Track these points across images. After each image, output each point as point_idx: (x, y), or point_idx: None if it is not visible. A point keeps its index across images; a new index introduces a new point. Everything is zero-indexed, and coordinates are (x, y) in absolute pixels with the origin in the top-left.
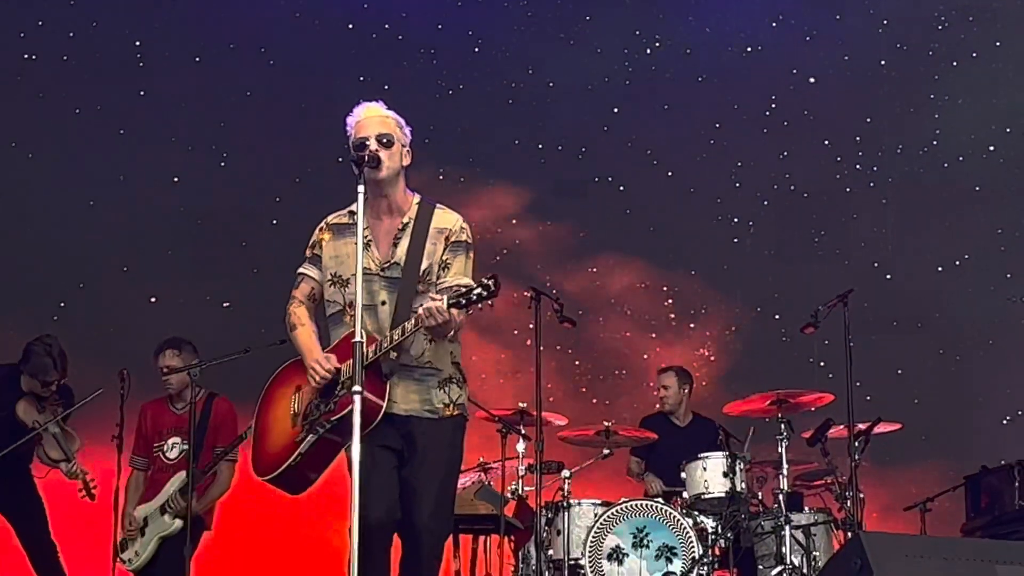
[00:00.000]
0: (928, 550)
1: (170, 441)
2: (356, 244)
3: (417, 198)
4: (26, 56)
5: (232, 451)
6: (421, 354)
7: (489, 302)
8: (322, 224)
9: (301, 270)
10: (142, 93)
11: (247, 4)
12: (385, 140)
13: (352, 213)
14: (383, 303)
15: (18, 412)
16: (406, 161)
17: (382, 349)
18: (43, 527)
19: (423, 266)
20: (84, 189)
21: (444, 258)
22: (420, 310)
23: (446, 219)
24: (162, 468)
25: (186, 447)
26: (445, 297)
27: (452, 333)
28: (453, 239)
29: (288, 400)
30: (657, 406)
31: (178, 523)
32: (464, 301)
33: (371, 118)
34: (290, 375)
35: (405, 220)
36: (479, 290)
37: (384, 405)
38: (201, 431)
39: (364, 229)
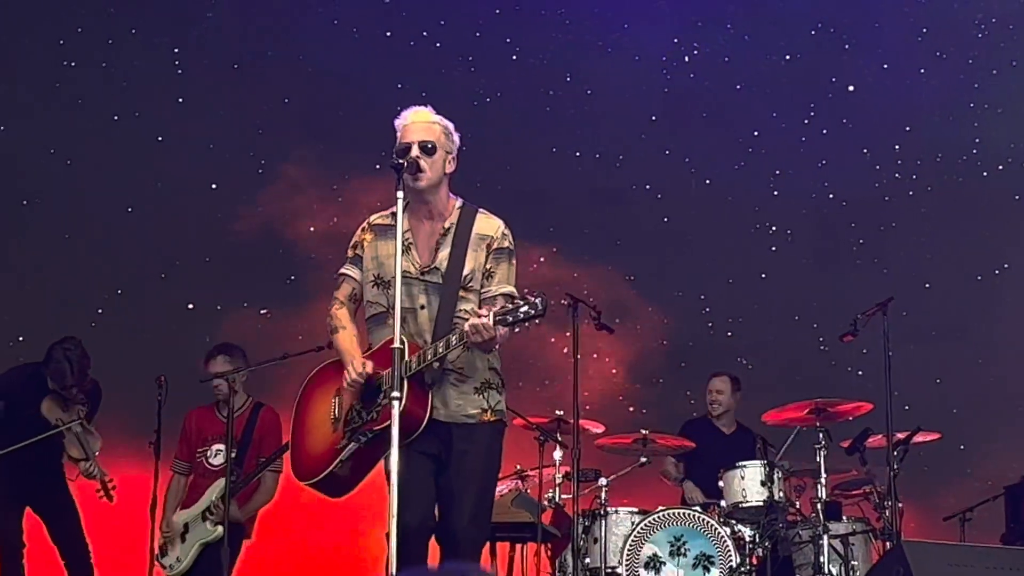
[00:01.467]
0: (971, 559)
1: (214, 447)
2: (396, 250)
3: (459, 203)
4: (65, 63)
5: (276, 461)
6: (456, 358)
7: (536, 321)
8: (364, 224)
9: (342, 271)
10: (180, 100)
11: (285, 12)
12: (427, 147)
13: (395, 214)
14: (422, 307)
15: (43, 410)
16: (449, 168)
17: (425, 361)
18: (76, 526)
19: (465, 272)
20: (122, 196)
21: (488, 267)
22: (466, 327)
23: (488, 225)
24: (204, 474)
25: (233, 454)
26: (491, 313)
27: (497, 348)
28: (495, 246)
29: (328, 403)
30: (711, 411)
31: (220, 530)
32: (511, 319)
33: (417, 123)
34: (329, 377)
35: (447, 225)
36: (526, 308)
37: (427, 417)
38: (246, 440)
39: (405, 232)
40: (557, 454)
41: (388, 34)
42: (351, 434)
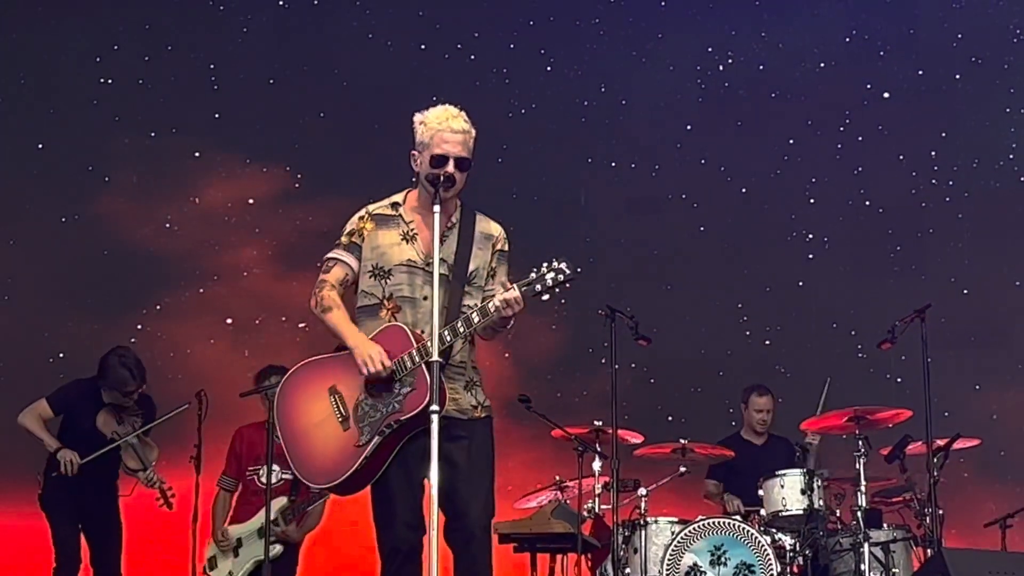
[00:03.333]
0: (1011, 567)
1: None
2: (434, 260)
3: (459, 201)
4: (102, 80)
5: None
6: (455, 354)
7: (567, 285)
8: (363, 213)
9: (333, 255)
10: (216, 115)
11: (320, 25)
12: (464, 164)
13: (395, 204)
14: (425, 298)
15: (98, 424)
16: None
17: (445, 343)
18: (117, 551)
19: (471, 268)
20: (160, 211)
21: (492, 265)
22: (497, 301)
23: (491, 227)
24: (257, 492)
25: (286, 475)
26: (515, 286)
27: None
28: (499, 247)
29: (324, 403)
30: (758, 428)
31: (278, 548)
32: (540, 287)
33: (456, 134)
34: (313, 378)
35: (453, 220)
36: (553, 274)
37: (444, 404)
38: None
39: (409, 222)
40: (596, 464)
41: (423, 47)
42: (372, 428)
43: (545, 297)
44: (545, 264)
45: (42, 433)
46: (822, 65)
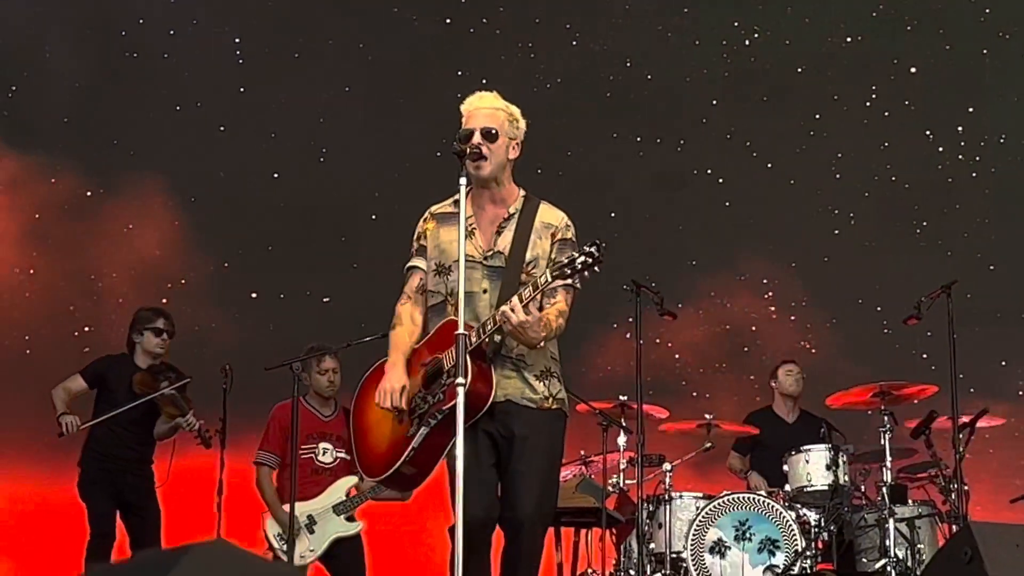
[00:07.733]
0: None
1: (321, 446)
2: (459, 234)
3: (523, 192)
4: (127, 54)
5: None
6: (515, 346)
7: (596, 268)
8: (426, 214)
9: (410, 263)
10: (242, 90)
11: (345, 1)
12: (490, 133)
13: (457, 202)
14: (484, 291)
15: (134, 387)
16: (512, 155)
17: (485, 333)
18: (156, 538)
19: (527, 257)
20: (185, 186)
21: (552, 256)
22: (496, 314)
23: (552, 215)
24: (317, 471)
25: (340, 454)
26: (548, 270)
27: (541, 342)
28: (560, 236)
29: None
30: (792, 392)
31: (361, 525)
32: (569, 271)
33: (480, 109)
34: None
35: (511, 211)
36: (583, 258)
37: (492, 393)
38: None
39: (468, 218)
40: (621, 439)
41: (448, 21)
42: (419, 420)
43: (576, 282)
44: (577, 251)
45: (58, 403)
46: (848, 40)
